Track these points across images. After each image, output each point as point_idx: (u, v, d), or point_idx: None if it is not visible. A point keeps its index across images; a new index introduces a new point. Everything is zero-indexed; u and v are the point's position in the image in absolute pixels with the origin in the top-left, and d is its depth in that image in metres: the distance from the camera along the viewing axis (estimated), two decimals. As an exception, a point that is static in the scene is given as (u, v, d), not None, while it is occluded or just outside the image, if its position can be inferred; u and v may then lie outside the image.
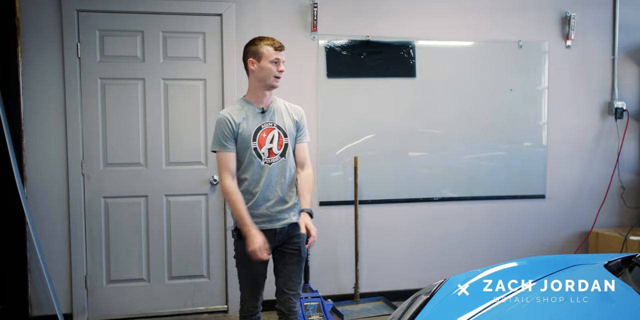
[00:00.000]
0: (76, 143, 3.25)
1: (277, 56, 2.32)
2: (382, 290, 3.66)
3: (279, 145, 2.36)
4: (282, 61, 2.35)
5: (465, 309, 1.74)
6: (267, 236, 2.32)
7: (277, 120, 2.38)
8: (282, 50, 2.34)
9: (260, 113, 2.35)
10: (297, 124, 2.44)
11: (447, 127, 3.69)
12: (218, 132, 2.33)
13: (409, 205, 3.70)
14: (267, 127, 2.35)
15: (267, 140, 2.33)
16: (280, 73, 2.34)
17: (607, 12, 3.88)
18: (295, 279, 2.42)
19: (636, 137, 3.98)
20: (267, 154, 2.33)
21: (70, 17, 3.20)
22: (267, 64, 2.31)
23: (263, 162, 2.33)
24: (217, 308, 3.49)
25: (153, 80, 3.34)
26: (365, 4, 3.54)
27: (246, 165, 2.34)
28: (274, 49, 2.32)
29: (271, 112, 2.38)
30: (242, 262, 2.39)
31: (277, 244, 2.40)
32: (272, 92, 2.40)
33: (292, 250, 2.41)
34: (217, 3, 3.36)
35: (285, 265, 2.41)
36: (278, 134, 2.36)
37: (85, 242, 3.31)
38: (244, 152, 2.33)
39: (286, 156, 2.37)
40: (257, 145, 2.32)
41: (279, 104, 2.44)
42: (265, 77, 2.32)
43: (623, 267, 1.89)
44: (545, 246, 3.89)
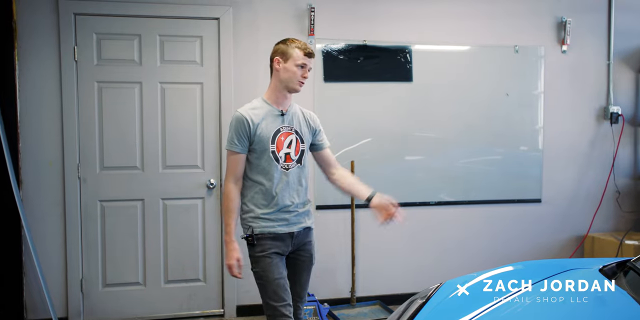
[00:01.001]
0: (72, 146, 3.25)
1: (305, 61, 2.25)
2: (379, 294, 3.65)
3: (297, 151, 2.29)
4: (309, 68, 2.28)
5: (461, 313, 1.74)
6: (284, 240, 2.28)
7: (295, 124, 2.32)
8: (312, 57, 2.28)
9: (279, 115, 2.28)
10: (314, 130, 2.38)
11: (444, 131, 3.70)
12: (233, 130, 2.23)
13: (406, 209, 3.62)
14: (286, 131, 2.28)
15: (284, 144, 2.26)
16: (304, 79, 2.27)
17: (602, 17, 3.90)
18: (305, 286, 2.41)
19: (631, 142, 4.00)
20: (284, 159, 2.26)
21: (67, 20, 3.20)
22: (293, 66, 2.24)
23: (280, 167, 2.25)
24: (214, 312, 3.48)
25: (150, 84, 3.34)
26: (362, 9, 3.55)
27: (264, 168, 2.25)
28: (304, 54, 2.24)
29: (290, 116, 2.31)
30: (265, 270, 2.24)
31: (292, 249, 2.33)
32: (291, 96, 2.33)
33: (305, 257, 2.37)
34: (214, 7, 3.36)
35: (296, 272, 2.37)
36: (296, 140, 2.29)
37: (81, 245, 3.30)
38: (261, 153, 2.24)
39: (302, 163, 2.32)
40: (275, 148, 2.24)
41: (296, 109, 2.38)
42: (289, 79, 2.25)
43: (618, 271, 1.89)
44: (541, 250, 3.90)
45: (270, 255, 2.25)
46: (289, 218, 2.28)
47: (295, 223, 2.30)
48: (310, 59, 2.27)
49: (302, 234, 2.34)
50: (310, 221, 2.38)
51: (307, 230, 2.37)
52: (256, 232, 2.25)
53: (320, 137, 2.41)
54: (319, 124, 2.42)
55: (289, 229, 2.29)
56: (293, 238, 2.30)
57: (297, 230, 2.31)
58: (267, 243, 2.25)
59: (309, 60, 2.26)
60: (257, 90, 3.42)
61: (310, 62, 2.27)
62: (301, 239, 2.34)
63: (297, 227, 2.31)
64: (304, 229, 2.34)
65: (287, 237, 2.29)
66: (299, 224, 2.32)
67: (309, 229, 2.37)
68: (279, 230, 2.26)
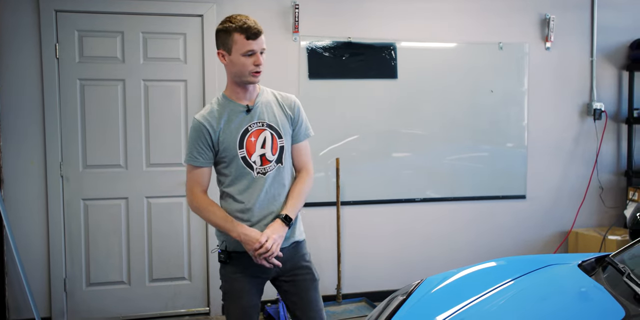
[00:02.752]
0: (55, 144, 3.22)
1: (252, 47, 1.81)
2: (365, 291, 3.66)
3: (274, 150, 1.91)
4: (261, 50, 1.84)
5: (441, 309, 1.75)
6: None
7: (267, 118, 1.92)
8: (258, 37, 1.82)
9: (244, 112, 1.90)
10: (293, 119, 1.97)
11: (430, 128, 3.71)
12: (191, 141, 1.89)
13: (392, 206, 3.71)
14: (256, 129, 1.90)
15: (257, 146, 1.89)
16: (258, 67, 1.85)
17: (585, 14, 3.93)
18: (317, 306, 1.98)
19: (614, 138, 4.04)
20: (260, 162, 1.89)
21: (48, 17, 3.17)
22: (240, 57, 1.83)
23: (256, 173, 1.88)
24: (199, 310, 3.47)
25: (133, 81, 3.31)
26: (346, 5, 3.54)
27: (234, 179, 1.89)
28: (246, 38, 1.80)
29: (259, 109, 1.92)
30: (232, 293, 1.91)
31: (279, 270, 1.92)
32: (255, 84, 1.95)
33: (304, 275, 1.97)
34: (197, 4, 3.34)
35: (301, 296, 1.95)
36: (271, 135, 1.91)
37: (64, 244, 3.28)
38: (229, 162, 1.89)
39: (283, 162, 1.93)
40: (246, 153, 1.88)
41: (268, 96, 1.97)
42: (240, 73, 1.86)
43: (596, 266, 1.91)
44: (526, 246, 3.93)
45: (243, 279, 1.91)
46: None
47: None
48: (256, 40, 1.82)
49: (289, 250, 1.93)
50: (299, 233, 1.98)
51: (296, 245, 1.96)
52: (230, 248, 1.90)
53: (298, 128, 1.99)
54: (297, 109, 1.99)
55: None
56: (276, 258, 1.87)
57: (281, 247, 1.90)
58: (242, 263, 1.90)
59: (256, 43, 1.82)
60: (242, 88, 3.42)
61: (258, 44, 1.83)
62: (289, 256, 1.93)
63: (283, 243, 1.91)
64: (290, 245, 1.94)
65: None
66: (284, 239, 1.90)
67: (297, 243, 1.97)
68: None
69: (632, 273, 1.68)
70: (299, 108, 2.00)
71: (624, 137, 4.03)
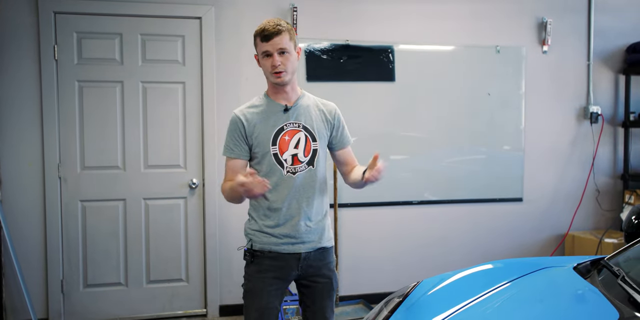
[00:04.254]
0: (53, 146, 3.22)
1: (267, 48, 1.86)
2: (362, 293, 3.67)
3: (306, 151, 1.94)
4: (278, 50, 1.86)
5: (437, 311, 1.76)
6: (288, 261, 1.92)
7: (304, 120, 1.96)
8: (273, 38, 1.85)
9: (282, 111, 1.95)
10: (332, 125, 2.02)
11: (428, 131, 3.73)
12: (228, 134, 1.96)
13: (389, 208, 3.72)
14: (291, 129, 1.94)
15: (290, 145, 1.92)
16: (274, 68, 1.88)
17: (582, 18, 3.95)
18: (328, 314, 2.02)
19: (611, 141, 4.05)
20: (291, 162, 1.92)
21: (47, 19, 3.17)
22: (262, 60, 1.91)
23: (285, 171, 1.91)
24: (196, 312, 3.47)
25: (131, 83, 3.32)
26: (344, 8, 3.56)
27: (265, 175, 1.90)
28: (261, 40, 1.87)
29: (297, 111, 1.96)
30: (252, 293, 1.94)
31: (301, 273, 1.96)
32: (294, 86, 1.98)
33: (323, 283, 1.99)
34: (196, 6, 3.35)
35: (315, 301, 1.99)
36: (305, 137, 1.94)
37: (62, 246, 3.28)
38: (261, 158, 1.93)
39: (315, 164, 1.95)
40: (278, 150, 1.91)
41: (309, 101, 2.02)
42: (266, 74, 1.94)
43: (592, 269, 1.92)
44: (523, 249, 3.94)
45: (265, 280, 1.93)
46: (297, 235, 1.92)
47: (304, 242, 1.94)
48: (271, 41, 1.85)
49: (314, 255, 1.96)
50: (326, 239, 2.00)
51: (322, 251, 1.98)
52: (255, 247, 1.94)
53: (339, 134, 2.05)
54: (337, 117, 2.05)
55: (295, 249, 1.93)
56: (300, 260, 1.93)
57: (305, 251, 1.94)
58: (265, 263, 1.93)
59: (271, 44, 1.85)
60: (240, 90, 3.43)
61: (276, 44, 1.85)
62: (313, 261, 1.96)
63: (306, 247, 1.94)
64: (316, 250, 1.96)
65: (292, 258, 1.93)
66: (309, 242, 1.94)
67: (323, 249, 1.99)
68: (282, 249, 1.92)
69: (627, 276, 1.69)
70: (339, 115, 2.07)
71: (621, 141, 4.05)
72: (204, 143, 3.39)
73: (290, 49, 1.89)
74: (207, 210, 3.42)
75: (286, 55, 1.89)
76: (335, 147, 2.06)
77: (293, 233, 1.92)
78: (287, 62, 1.89)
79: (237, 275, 3.49)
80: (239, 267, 3.48)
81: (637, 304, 1.52)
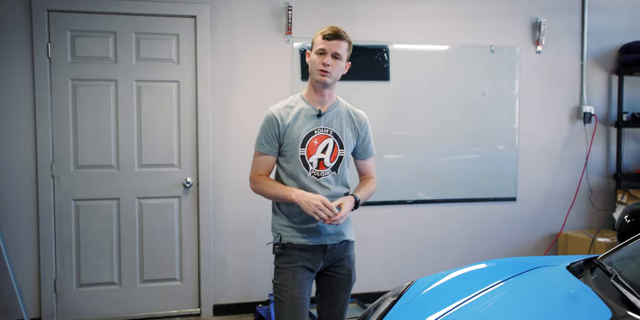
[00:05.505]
0: (46, 145, 3.21)
1: (324, 46, 1.96)
2: (356, 293, 3.65)
3: (332, 157, 2.04)
4: (332, 53, 1.96)
5: (431, 310, 1.76)
6: (315, 253, 2.04)
7: (335, 127, 2.06)
8: (333, 40, 1.96)
9: (315, 115, 2.03)
10: (359, 135, 2.13)
11: (422, 130, 3.73)
12: (262, 129, 2.05)
13: (383, 207, 3.73)
14: (321, 134, 2.03)
15: (318, 149, 2.02)
16: (324, 66, 1.96)
17: (576, 18, 3.97)
18: (343, 307, 2.11)
19: (604, 141, 4.08)
20: (317, 165, 2.02)
21: (40, 17, 3.15)
22: (313, 55, 1.99)
23: (310, 174, 2.02)
24: (190, 311, 3.46)
25: (125, 82, 3.31)
26: (339, 8, 3.56)
27: (290, 175, 2.04)
28: (322, 38, 1.97)
29: (330, 117, 2.06)
30: (284, 285, 2.02)
31: (326, 265, 2.08)
32: (332, 92, 2.07)
33: (342, 274, 2.10)
34: (191, 5, 3.34)
35: (332, 292, 2.10)
36: (333, 144, 2.04)
37: (55, 245, 3.26)
38: (290, 158, 2.03)
39: (339, 171, 2.06)
40: (305, 153, 2.01)
41: (342, 108, 2.11)
42: (311, 71, 2.01)
43: (585, 268, 1.93)
44: (517, 248, 3.96)
45: (295, 269, 2.02)
46: (322, 230, 2.04)
47: (329, 234, 2.05)
48: (332, 41, 1.96)
49: (339, 248, 2.08)
50: (349, 233, 2.12)
51: (345, 244, 2.10)
52: (284, 241, 2.04)
53: (363, 144, 2.16)
54: (365, 127, 2.15)
55: (322, 241, 2.04)
56: (326, 252, 2.05)
57: (331, 243, 2.06)
58: (295, 254, 2.03)
59: (330, 44, 1.96)
60: (234, 89, 3.42)
61: (333, 46, 1.96)
62: (337, 253, 2.08)
63: (332, 239, 2.06)
64: (340, 243, 2.08)
65: (318, 249, 2.04)
66: (335, 235, 2.06)
67: (346, 242, 2.11)
68: (309, 242, 2.03)
69: (620, 275, 1.70)
70: (368, 126, 2.17)
71: (613, 141, 4.07)
72: (199, 142, 3.39)
73: (343, 56, 2.01)
74: (201, 210, 3.41)
75: (337, 61, 1.99)
76: (358, 156, 2.18)
77: (319, 228, 2.03)
78: (336, 66, 1.99)
79: (232, 274, 3.48)
80: (233, 266, 3.47)
81: (630, 303, 1.53)
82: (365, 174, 2.21)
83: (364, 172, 2.21)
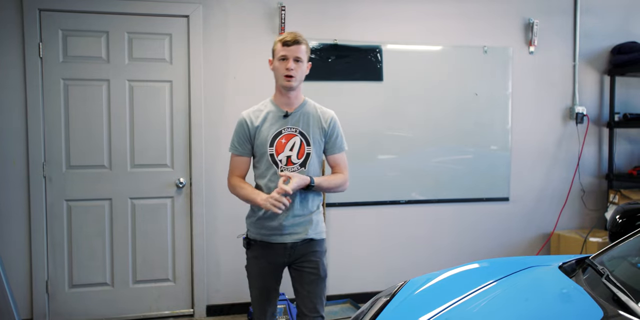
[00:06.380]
0: (38, 145, 3.18)
1: (285, 52, 2.09)
2: (349, 293, 3.67)
3: (300, 154, 2.16)
4: (294, 58, 2.10)
5: (424, 310, 1.77)
6: (277, 250, 2.17)
7: (301, 126, 2.18)
8: (293, 45, 2.09)
9: (282, 117, 2.17)
10: (326, 132, 2.23)
11: (415, 131, 3.74)
12: (235, 133, 2.22)
13: (376, 208, 3.73)
14: (288, 133, 2.16)
15: (286, 147, 2.15)
16: (289, 71, 2.10)
17: (568, 19, 3.99)
18: (316, 299, 2.21)
19: (596, 142, 4.10)
20: (285, 162, 2.15)
21: (31, 16, 3.13)
22: (276, 62, 2.14)
23: (279, 171, 2.14)
24: (183, 312, 3.45)
25: (118, 82, 3.29)
26: (333, 8, 3.56)
27: (263, 172, 2.18)
28: (282, 45, 2.10)
29: (296, 117, 2.19)
30: (251, 275, 2.24)
31: (291, 260, 2.21)
32: (298, 94, 2.21)
33: (311, 268, 2.20)
34: (183, 4, 3.33)
35: (303, 285, 2.21)
36: (300, 142, 2.17)
37: (47, 246, 3.24)
38: (260, 157, 2.18)
39: (307, 166, 2.17)
40: (274, 151, 2.15)
41: (309, 108, 2.24)
42: (276, 77, 2.16)
43: (577, 268, 1.94)
44: (509, 248, 3.97)
45: (260, 263, 2.20)
46: (283, 228, 2.16)
47: (290, 233, 2.17)
48: (292, 47, 2.09)
49: (302, 245, 2.19)
50: (314, 232, 2.20)
51: (309, 241, 2.20)
52: (250, 237, 2.24)
53: (331, 141, 2.24)
54: (332, 125, 2.24)
55: (281, 239, 2.17)
56: (286, 249, 2.18)
57: (291, 241, 2.17)
58: (258, 250, 2.21)
59: (289, 50, 2.10)
60: (227, 89, 3.41)
61: (294, 51, 2.10)
62: (300, 250, 2.19)
63: (292, 238, 2.17)
64: (302, 241, 2.19)
65: (279, 247, 2.18)
66: (295, 234, 2.17)
67: (310, 240, 2.20)
68: (271, 240, 2.17)
69: (611, 274, 1.71)
70: (335, 123, 2.27)
71: (605, 141, 4.10)
72: (191, 142, 3.38)
73: (304, 59, 2.15)
74: (194, 210, 3.40)
75: (299, 64, 2.13)
76: (327, 152, 2.27)
77: (280, 226, 2.16)
78: (299, 69, 2.14)
79: (225, 275, 3.47)
80: (226, 266, 3.46)
81: (621, 302, 1.54)
82: (334, 168, 2.30)
83: (333, 167, 2.30)
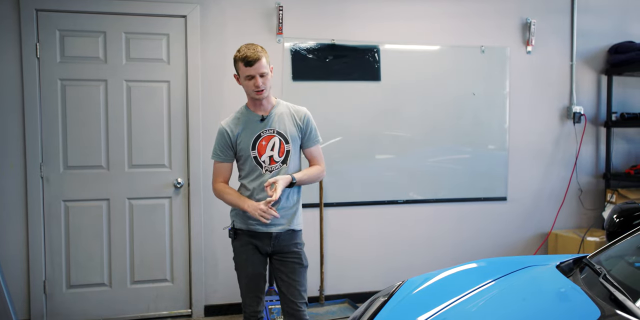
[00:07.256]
0: (35, 145, 3.18)
1: (250, 73, 2.23)
2: (347, 293, 3.67)
3: (280, 152, 2.33)
4: (259, 74, 2.23)
5: (422, 309, 1.77)
6: (262, 239, 2.33)
7: (278, 126, 2.34)
8: (255, 63, 2.21)
9: (259, 121, 2.33)
10: (302, 128, 2.38)
11: (413, 130, 3.74)
12: (216, 142, 2.37)
13: (375, 207, 3.73)
14: (267, 135, 2.32)
15: (267, 148, 2.31)
16: (257, 88, 2.25)
17: (565, 19, 3.99)
18: (300, 287, 2.36)
19: (593, 141, 4.11)
20: (269, 162, 2.32)
21: (28, 16, 3.13)
22: (244, 81, 2.27)
23: (264, 170, 2.31)
24: (181, 312, 3.45)
25: (115, 82, 3.29)
26: (330, 8, 3.56)
27: (248, 173, 2.34)
28: (244, 65, 2.22)
29: (272, 119, 2.34)
30: (240, 264, 2.38)
31: (274, 250, 2.35)
32: (270, 98, 2.35)
33: (293, 258, 2.36)
34: (181, 4, 3.33)
35: (288, 274, 2.35)
36: (279, 141, 2.33)
37: (44, 246, 3.24)
38: (244, 160, 2.33)
39: (288, 163, 2.34)
40: (257, 153, 2.31)
41: (282, 108, 2.38)
42: (247, 93, 2.32)
43: (574, 267, 1.95)
44: (507, 247, 3.98)
45: (247, 251, 2.34)
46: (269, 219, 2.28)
47: (274, 224, 2.32)
48: (253, 66, 2.21)
49: (284, 235, 2.35)
50: (295, 223, 2.38)
51: (292, 232, 2.37)
52: (237, 226, 2.36)
53: (306, 135, 2.40)
54: (306, 121, 2.39)
55: (267, 229, 2.32)
56: (272, 239, 2.33)
57: (276, 231, 2.33)
58: (245, 239, 2.35)
59: (254, 69, 2.22)
60: (225, 89, 3.41)
61: (257, 69, 2.22)
62: (284, 240, 2.35)
63: (277, 228, 2.33)
64: (285, 231, 2.35)
65: (265, 236, 2.33)
66: (279, 225, 2.33)
67: (292, 231, 2.37)
68: (256, 229, 2.32)
69: (608, 274, 1.71)
70: (309, 119, 2.41)
71: (603, 140, 4.11)
72: (189, 142, 3.37)
73: (268, 71, 2.27)
74: (192, 210, 3.40)
75: (266, 77, 2.26)
76: (303, 145, 2.42)
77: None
78: (267, 81, 2.27)
79: (223, 275, 3.47)
80: (224, 266, 3.46)
81: (618, 301, 1.54)
82: (311, 160, 2.45)
83: (310, 159, 2.45)
